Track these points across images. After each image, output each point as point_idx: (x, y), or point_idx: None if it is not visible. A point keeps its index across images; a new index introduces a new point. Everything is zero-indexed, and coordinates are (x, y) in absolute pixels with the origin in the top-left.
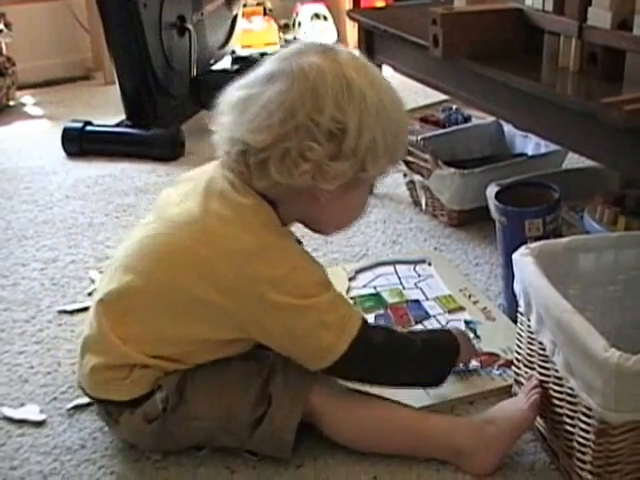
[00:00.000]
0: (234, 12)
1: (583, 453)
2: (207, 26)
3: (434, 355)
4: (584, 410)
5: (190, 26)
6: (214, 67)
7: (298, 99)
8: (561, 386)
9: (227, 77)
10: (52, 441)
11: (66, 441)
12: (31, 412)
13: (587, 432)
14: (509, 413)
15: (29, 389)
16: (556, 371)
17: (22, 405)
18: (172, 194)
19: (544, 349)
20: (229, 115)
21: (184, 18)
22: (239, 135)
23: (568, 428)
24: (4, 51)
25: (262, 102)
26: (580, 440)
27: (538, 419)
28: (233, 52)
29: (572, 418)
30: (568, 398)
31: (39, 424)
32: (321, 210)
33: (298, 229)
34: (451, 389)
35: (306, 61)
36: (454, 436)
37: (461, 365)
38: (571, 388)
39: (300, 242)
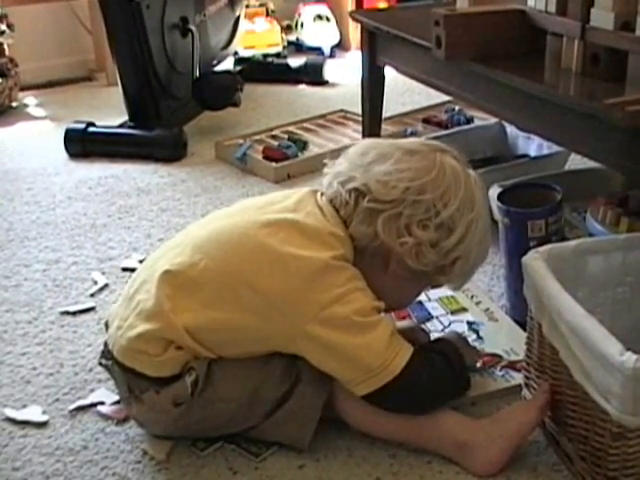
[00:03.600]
0: (237, 13)
1: (598, 457)
2: (210, 27)
3: (454, 370)
4: (599, 414)
5: (193, 27)
6: (217, 68)
7: (432, 184)
8: (574, 390)
9: (230, 78)
10: (54, 442)
11: (68, 442)
12: (33, 413)
13: (603, 436)
14: (516, 414)
15: (31, 390)
16: (569, 375)
17: (24, 406)
18: (258, 199)
19: (556, 353)
20: (359, 159)
21: (187, 19)
22: (364, 180)
23: (582, 432)
24: (6, 52)
25: (398, 166)
26: (595, 444)
27: (550, 423)
28: (236, 53)
29: (586, 422)
30: (582, 402)
31: (41, 425)
32: (382, 279)
33: None
34: None
35: (449, 161)
36: (460, 430)
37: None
38: (585, 392)
39: None
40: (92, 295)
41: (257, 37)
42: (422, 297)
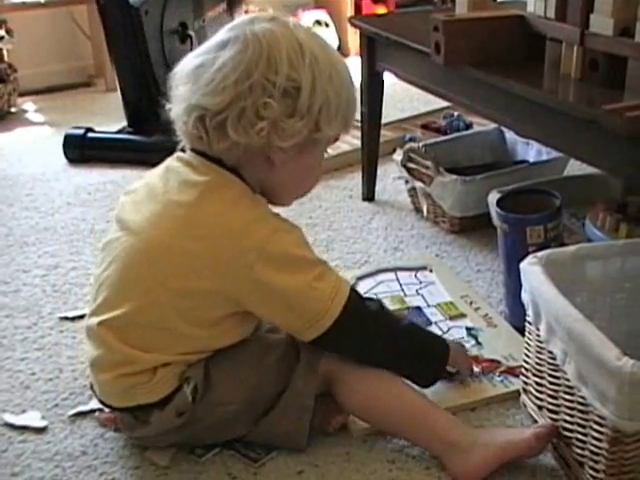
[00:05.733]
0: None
1: (596, 462)
2: (209, 33)
3: (422, 342)
4: (596, 419)
5: (192, 33)
6: None
7: (253, 61)
8: (572, 395)
9: None
10: (53, 448)
11: (67, 447)
12: (32, 418)
13: (600, 441)
14: (510, 432)
15: (30, 395)
16: (567, 380)
17: (24, 411)
18: (127, 205)
19: (554, 358)
20: (184, 85)
21: (186, 25)
22: (195, 101)
23: (580, 437)
24: (5, 58)
25: (217, 66)
26: (593, 449)
27: None
28: None
29: (584, 427)
30: (579, 407)
31: (40, 430)
32: (278, 174)
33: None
34: (453, 396)
35: (258, 27)
36: (453, 431)
37: (452, 370)
38: (582, 397)
39: None
40: None
41: None
42: (421, 303)
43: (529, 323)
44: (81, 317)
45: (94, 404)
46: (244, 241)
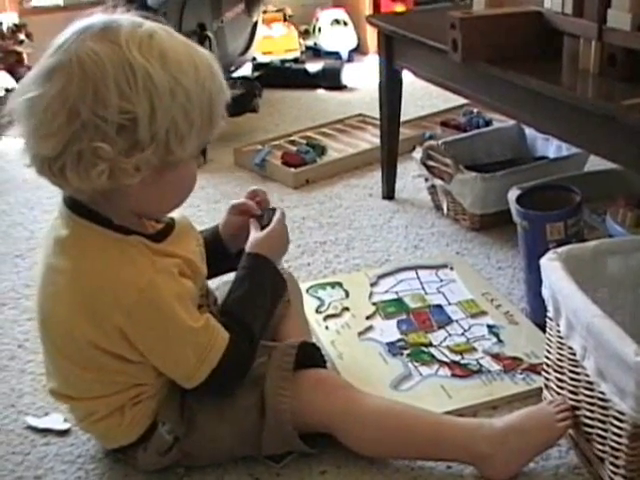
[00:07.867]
0: (254, 19)
1: (616, 457)
2: (227, 33)
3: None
4: (616, 414)
5: (210, 34)
6: (235, 74)
7: (79, 96)
8: (592, 391)
9: (248, 84)
10: (76, 450)
11: (90, 450)
12: (55, 421)
13: (620, 436)
14: (537, 426)
15: (53, 398)
16: (587, 376)
17: (46, 414)
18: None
19: (574, 354)
20: (19, 124)
21: (204, 26)
22: (32, 148)
23: (600, 433)
24: (25, 61)
25: (45, 105)
26: (613, 445)
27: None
28: (254, 59)
29: (604, 423)
30: (599, 403)
31: (63, 433)
32: (140, 203)
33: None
34: (474, 394)
35: (84, 50)
36: (476, 441)
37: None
38: (602, 393)
39: (172, 223)
40: None
41: (275, 43)
42: (442, 301)
43: (550, 319)
44: None
45: None
46: (112, 303)
